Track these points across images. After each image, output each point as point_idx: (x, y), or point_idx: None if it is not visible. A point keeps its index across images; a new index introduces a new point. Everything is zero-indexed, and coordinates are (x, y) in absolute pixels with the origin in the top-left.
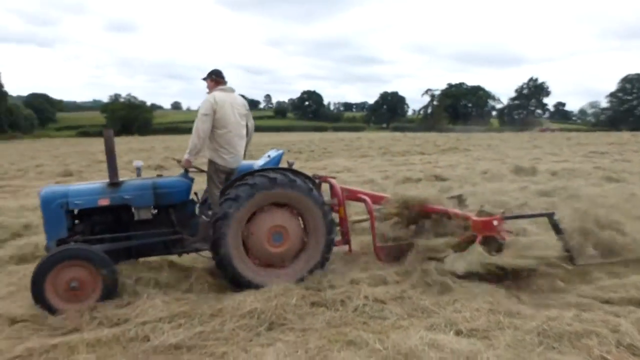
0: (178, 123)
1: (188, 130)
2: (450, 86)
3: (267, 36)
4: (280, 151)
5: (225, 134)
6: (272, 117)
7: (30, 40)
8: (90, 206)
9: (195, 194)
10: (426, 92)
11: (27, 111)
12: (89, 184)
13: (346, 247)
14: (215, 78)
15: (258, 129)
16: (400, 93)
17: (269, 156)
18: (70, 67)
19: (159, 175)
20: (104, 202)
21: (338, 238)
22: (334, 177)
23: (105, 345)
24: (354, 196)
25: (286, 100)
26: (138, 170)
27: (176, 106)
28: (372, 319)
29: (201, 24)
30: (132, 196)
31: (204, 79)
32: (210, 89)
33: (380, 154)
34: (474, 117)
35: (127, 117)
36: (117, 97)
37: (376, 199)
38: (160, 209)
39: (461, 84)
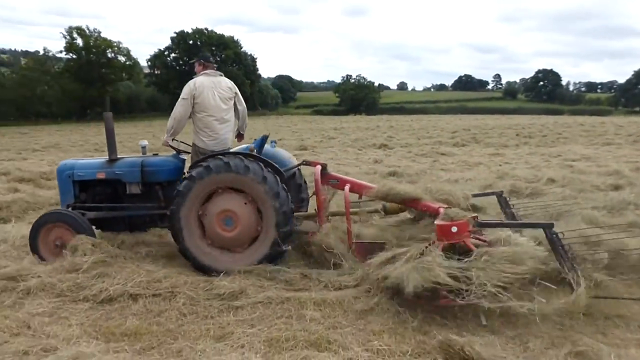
0: (403, 103)
1: (413, 111)
2: None
3: (500, 11)
4: (264, 135)
5: (203, 117)
6: (500, 98)
7: (279, 28)
8: (90, 178)
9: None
10: None
11: (274, 91)
12: (93, 159)
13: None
14: (204, 62)
15: (483, 110)
16: None
17: (254, 139)
18: (311, 51)
19: (155, 154)
20: (101, 175)
21: (314, 230)
22: (324, 163)
23: (328, 306)
24: (342, 185)
25: (517, 81)
26: (143, 149)
27: (402, 87)
28: (607, 328)
29: (431, 4)
30: (123, 172)
31: (193, 62)
32: (197, 72)
33: (630, 142)
34: None
35: (356, 97)
36: (348, 77)
37: (359, 188)
38: (150, 185)
39: None
